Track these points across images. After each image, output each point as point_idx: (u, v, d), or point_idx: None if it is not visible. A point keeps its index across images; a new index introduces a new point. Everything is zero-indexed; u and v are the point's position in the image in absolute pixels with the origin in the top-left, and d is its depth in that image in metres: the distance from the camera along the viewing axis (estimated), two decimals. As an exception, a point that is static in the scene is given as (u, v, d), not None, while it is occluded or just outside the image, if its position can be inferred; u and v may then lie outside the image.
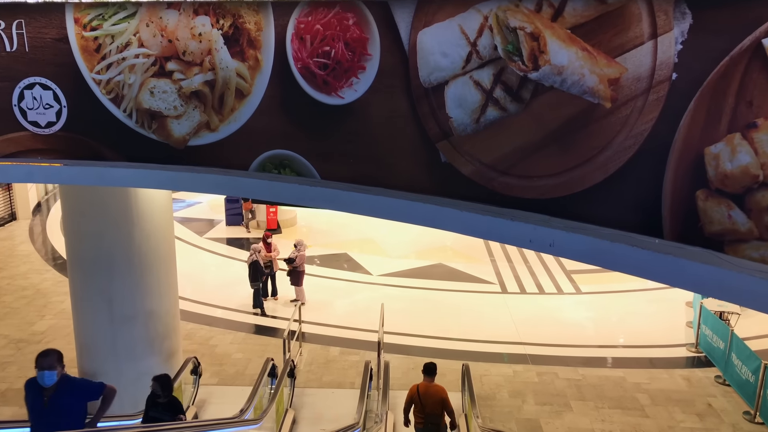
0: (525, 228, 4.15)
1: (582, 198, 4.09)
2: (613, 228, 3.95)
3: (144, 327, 8.70)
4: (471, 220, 4.39)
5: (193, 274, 14.77)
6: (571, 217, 4.14)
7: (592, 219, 4.06)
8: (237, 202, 18.64)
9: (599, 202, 4.02)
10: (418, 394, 7.42)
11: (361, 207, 5.00)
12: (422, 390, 7.43)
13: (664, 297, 13.69)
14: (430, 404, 7.37)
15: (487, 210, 4.39)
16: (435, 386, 7.45)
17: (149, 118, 5.79)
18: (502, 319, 12.40)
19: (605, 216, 4.01)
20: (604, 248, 3.80)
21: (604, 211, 4.02)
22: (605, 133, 3.91)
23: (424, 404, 7.39)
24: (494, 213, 4.33)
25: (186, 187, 5.93)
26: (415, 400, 7.45)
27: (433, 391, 7.40)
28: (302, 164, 5.38)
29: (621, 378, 10.18)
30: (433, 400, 7.36)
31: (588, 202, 4.07)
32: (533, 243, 4.14)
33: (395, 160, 4.92)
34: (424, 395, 7.39)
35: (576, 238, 3.93)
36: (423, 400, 7.39)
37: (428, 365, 7.54)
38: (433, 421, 7.39)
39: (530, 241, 4.16)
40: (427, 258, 15.85)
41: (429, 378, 7.48)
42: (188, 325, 11.95)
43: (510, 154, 4.36)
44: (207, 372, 10.22)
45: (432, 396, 7.37)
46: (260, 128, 5.46)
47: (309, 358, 10.80)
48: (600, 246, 3.81)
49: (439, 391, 7.39)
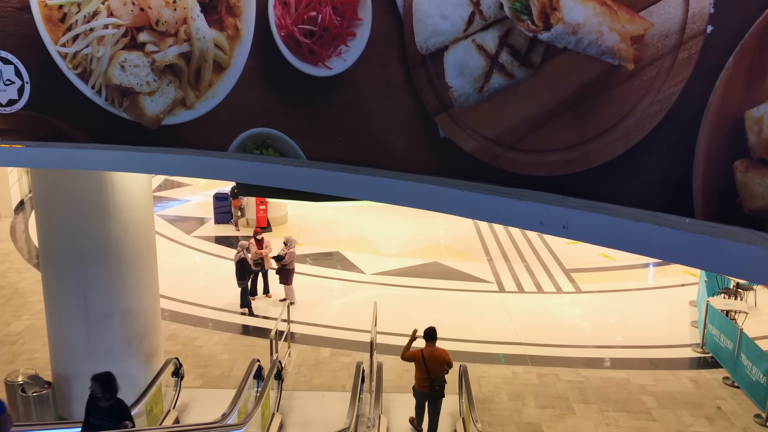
0: (535, 208, 3.68)
1: (600, 174, 3.62)
2: (636, 207, 3.48)
3: (121, 326, 8.18)
4: (473, 201, 3.92)
5: (179, 273, 14.25)
6: (588, 196, 3.67)
7: (612, 197, 3.59)
8: (226, 200, 18.12)
9: (620, 178, 3.56)
10: (423, 358, 7.66)
11: (351, 189, 4.52)
12: (427, 354, 7.67)
13: (666, 296, 13.28)
14: (434, 368, 7.65)
15: (491, 190, 3.92)
16: (438, 349, 7.73)
17: (120, 95, 5.30)
18: (499, 319, 11.93)
19: (627, 194, 3.54)
20: (627, 229, 3.33)
21: (625, 188, 3.55)
22: (627, 98, 3.44)
23: (429, 368, 7.64)
24: (500, 192, 3.86)
25: (160, 170, 5.44)
26: (420, 365, 7.72)
27: (437, 354, 7.68)
28: (286, 143, 4.90)
29: (625, 379, 9.72)
30: (438, 363, 7.65)
31: (607, 178, 3.60)
32: (545, 225, 3.67)
33: (389, 136, 4.44)
34: (429, 359, 7.65)
35: (594, 218, 3.46)
36: (428, 364, 7.64)
37: (429, 330, 7.81)
38: (438, 383, 7.69)
39: (541, 223, 3.69)
40: (421, 256, 15.37)
41: (431, 343, 7.77)
42: (172, 326, 11.44)
43: (517, 126, 3.89)
44: (190, 374, 9.71)
45: (436, 359, 7.66)
46: (240, 104, 4.98)
47: (298, 359, 10.29)
48: (622, 227, 3.34)
49: (443, 354, 7.70)
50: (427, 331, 7.83)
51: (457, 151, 4.13)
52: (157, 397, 8.09)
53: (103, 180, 7.61)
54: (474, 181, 4.07)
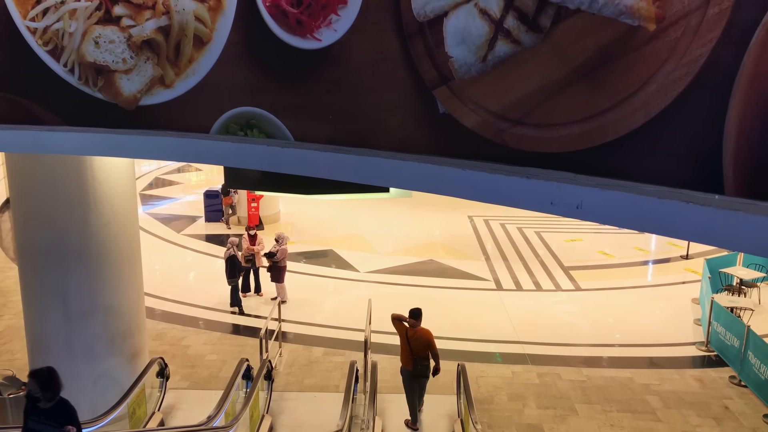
0: (545, 187, 3.33)
1: (616, 148, 3.26)
2: (657, 185, 3.13)
3: (103, 324, 7.79)
4: (476, 181, 3.56)
5: (168, 272, 13.88)
6: (603, 174, 3.31)
7: (630, 174, 3.24)
8: (217, 197, 17.74)
9: (638, 153, 3.20)
10: (407, 338, 7.96)
11: (343, 171, 4.16)
12: (410, 334, 7.95)
13: (667, 294, 12.97)
14: (417, 347, 7.90)
15: (496, 168, 3.56)
16: (421, 329, 7.96)
17: (94, 74, 4.92)
18: (498, 318, 11.59)
19: (647, 170, 3.19)
20: (649, 208, 2.98)
21: (645, 163, 3.19)
22: (647, 63, 3.09)
23: (412, 348, 7.91)
24: (506, 171, 3.50)
25: (137, 153, 5.07)
26: (404, 345, 8.01)
27: (420, 334, 7.92)
28: (272, 123, 4.53)
29: (628, 379, 9.39)
30: (420, 342, 7.89)
31: (624, 153, 3.25)
32: (556, 205, 3.32)
33: (383, 113, 4.08)
34: (413, 338, 7.92)
35: (612, 196, 3.11)
36: (411, 343, 7.92)
37: (414, 310, 8.04)
38: (421, 363, 7.93)
39: (552, 204, 3.33)
40: (417, 254, 15.02)
41: (416, 322, 7.97)
42: (159, 325, 11.05)
43: (525, 98, 3.53)
44: (177, 375, 9.32)
45: (419, 338, 7.89)
46: (223, 82, 4.60)
47: (290, 359, 9.92)
48: (644, 205, 2.99)
49: (426, 334, 7.92)
50: (412, 311, 8.03)
51: (457, 127, 3.77)
52: (140, 398, 7.71)
53: (82, 171, 7.24)
54: (477, 161, 3.71)
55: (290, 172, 4.38)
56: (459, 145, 3.79)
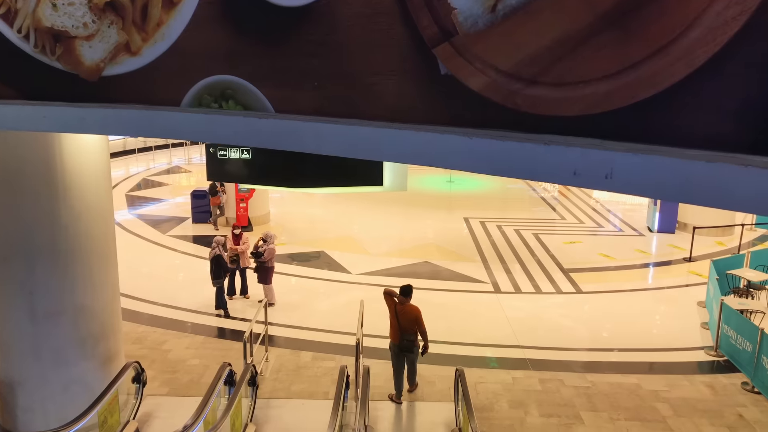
0: (567, 154, 2.81)
1: (652, 108, 2.75)
2: (701, 149, 2.62)
3: (73, 325, 7.23)
4: (485, 150, 3.04)
5: (151, 273, 13.29)
6: (635, 138, 2.80)
7: (668, 138, 2.73)
8: (205, 197, 17.18)
9: (679, 112, 2.69)
10: (396, 313, 8.18)
11: (330, 143, 3.63)
12: (399, 309, 8.18)
13: (672, 297, 12.48)
14: (405, 322, 8.08)
15: (508, 136, 3.05)
16: (410, 305, 8.17)
17: (52, 41, 4.38)
18: (496, 321, 11.06)
19: (688, 132, 2.68)
20: (696, 174, 2.47)
21: (687, 124, 2.68)
22: (690, 2, 2.59)
23: (400, 322, 8.11)
24: (519, 138, 2.99)
25: (98, 128, 4.53)
26: (393, 320, 8.22)
27: (408, 309, 8.13)
28: (250, 93, 4.00)
29: (635, 385, 8.86)
30: (408, 318, 8.09)
31: (661, 112, 2.73)
32: (580, 175, 2.80)
33: (375, 77, 3.56)
34: (401, 313, 8.14)
35: (649, 162, 2.59)
36: (399, 317, 8.12)
37: (404, 287, 8.28)
38: (408, 338, 8.11)
39: (575, 174, 2.81)
40: (411, 256, 14.49)
41: (406, 299, 8.19)
42: (139, 328, 10.46)
43: (541, 53, 3.02)
44: (156, 381, 8.74)
45: (407, 314, 8.11)
46: (195, 47, 4.07)
47: (276, 364, 9.35)
48: (690, 171, 2.48)
49: (413, 310, 8.14)
50: (403, 288, 8.29)
51: (461, 90, 3.25)
52: (112, 406, 7.13)
53: (50, 158, 6.69)
54: (484, 129, 3.20)
55: (270, 145, 3.85)
56: (464, 111, 3.27)
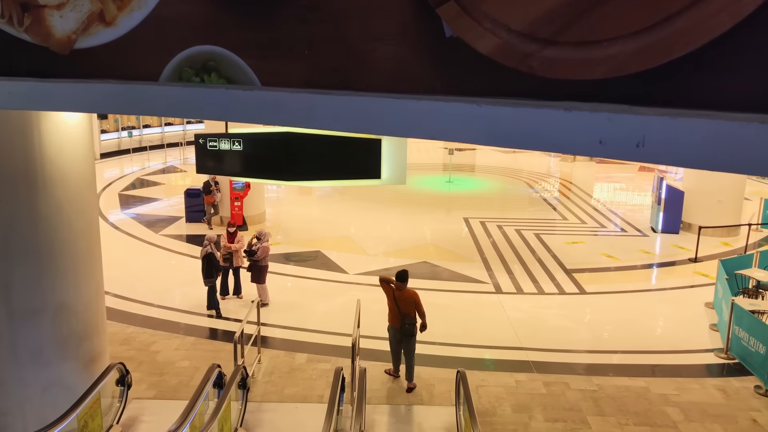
0: (592, 121, 2.45)
1: (689, 66, 2.39)
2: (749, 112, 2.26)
3: (53, 324, 6.84)
4: (497, 118, 2.68)
5: (142, 273, 12.91)
6: (669, 103, 2.45)
7: (708, 101, 2.37)
8: (198, 196, 16.82)
9: (722, 70, 2.33)
10: (394, 298, 8.35)
11: (320, 116, 3.26)
12: (397, 295, 8.34)
13: (678, 298, 12.12)
14: (405, 306, 8.27)
15: (522, 103, 2.69)
16: (408, 290, 8.41)
17: (19, 10, 4.01)
18: (498, 322, 10.69)
19: (733, 94, 2.32)
20: (746, 138, 2.12)
21: (731, 84, 2.32)
22: (738, -58, 2.23)
23: (399, 307, 8.28)
24: (536, 105, 2.63)
25: (69, 106, 4.17)
26: (392, 306, 8.38)
27: (406, 294, 8.35)
28: (234, 65, 3.63)
29: (644, 388, 8.49)
30: (407, 302, 8.29)
31: (701, 72, 2.38)
32: (607, 144, 2.44)
33: (372, 44, 3.19)
34: (400, 299, 8.32)
35: (690, 126, 2.23)
36: (398, 303, 8.30)
37: (400, 273, 8.44)
38: (409, 322, 8.27)
39: (601, 143, 2.45)
40: (409, 256, 14.11)
41: (402, 284, 8.37)
42: (128, 329, 10.08)
43: (559, 8, 2.65)
44: (143, 383, 8.36)
45: (406, 299, 8.31)
46: (175, 16, 3.71)
47: (269, 366, 8.97)
48: (741, 136, 2.13)
49: (412, 294, 8.37)
50: (399, 274, 8.43)
51: (469, 55, 2.89)
52: (94, 409, 6.74)
53: (29, 145, 6.31)
54: (495, 97, 2.83)
55: (255, 120, 3.49)
56: (471, 78, 2.90)
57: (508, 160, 29.22)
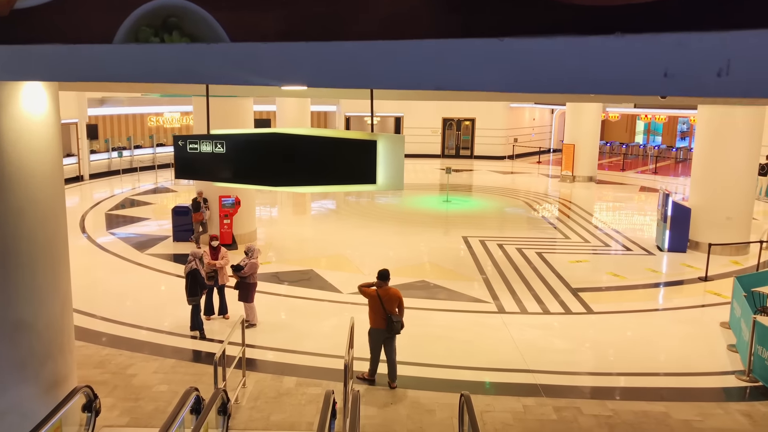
0: (652, 46, 1.84)
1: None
2: None
3: (10, 343, 6.13)
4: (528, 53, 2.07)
5: (123, 293, 12.21)
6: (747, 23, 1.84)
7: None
8: (187, 214, 16.16)
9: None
10: (379, 297, 8.31)
11: (299, 69, 2.65)
12: (382, 294, 8.34)
13: (692, 317, 11.46)
14: (389, 303, 8.29)
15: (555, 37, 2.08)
16: (391, 289, 8.48)
17: (-49, -35, 3.43)
18: (502, 343, 10.00)
19: None
20: None
21: None
22: None
23: (384, 304, 8.26)
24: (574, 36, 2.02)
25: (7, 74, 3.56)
26: (376, 304, 8.30)
27: (391, 292, 8.41)
28: (199, 19, 3.03)
29: (663, 414, 7.79)
30: (392, 299, 8.34)
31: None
32: (675, 77, 1.82)
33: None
34: (385, 297, 8.31)
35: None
36: (384, 300, 8.28)
37: (382, 272, 8.51)
38: (396, 319, 8.30)
39: (666, 75, 1.84)
40: (406, 275, 13.42)
41: (384, 283, 8.44)
42: (103, 351, 9.36)
43: None
44: (116, 409, 7.63)
45: (391, 296, 8.36)
46: (130, -36, 3.13)
47: (255, 390, 8.24)
48: None
49: (396, 293, 8.45)
50: (381, 272, 8.49)
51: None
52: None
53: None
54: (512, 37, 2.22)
55: (222, 81, 2.89)
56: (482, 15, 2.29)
57: (506, 180, 28.70)
